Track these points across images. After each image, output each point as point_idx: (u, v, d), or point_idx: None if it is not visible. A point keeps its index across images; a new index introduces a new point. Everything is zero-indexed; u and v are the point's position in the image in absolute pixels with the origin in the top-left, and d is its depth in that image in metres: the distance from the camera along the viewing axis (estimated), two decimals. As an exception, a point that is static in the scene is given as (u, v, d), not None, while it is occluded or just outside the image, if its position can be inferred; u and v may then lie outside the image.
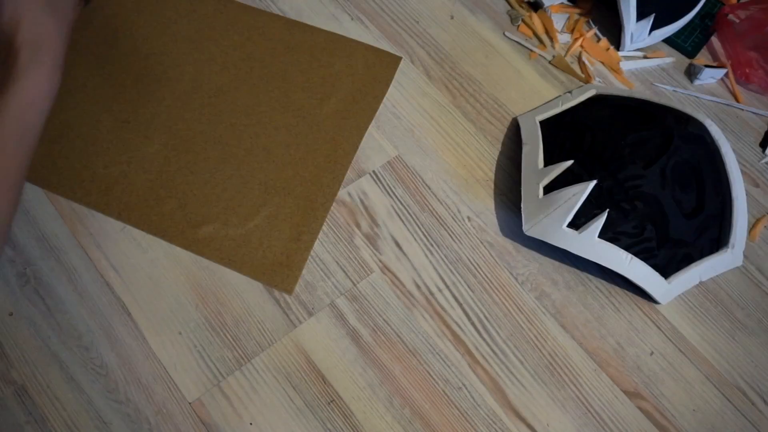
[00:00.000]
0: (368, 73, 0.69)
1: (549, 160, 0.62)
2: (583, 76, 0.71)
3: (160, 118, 0.64)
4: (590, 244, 0.57)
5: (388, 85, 0.68)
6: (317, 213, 0.61)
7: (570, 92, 0.69)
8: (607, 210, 0.57)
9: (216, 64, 0.68)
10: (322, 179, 0.62)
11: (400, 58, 0.70)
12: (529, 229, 0.59)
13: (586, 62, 0.72)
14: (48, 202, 0.60)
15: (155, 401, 0.53)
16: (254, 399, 0.54)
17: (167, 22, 0.70)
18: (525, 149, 0.64)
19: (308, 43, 0.70)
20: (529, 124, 0.65)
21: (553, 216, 0.58)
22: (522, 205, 0.60)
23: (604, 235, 0.57)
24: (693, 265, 0.59)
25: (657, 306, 0.60)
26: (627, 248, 0.57)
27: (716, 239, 0.60)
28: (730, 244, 0.60)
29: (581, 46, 0.73)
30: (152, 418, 0.52)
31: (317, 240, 0.60)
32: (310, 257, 0.59)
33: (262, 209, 0.60)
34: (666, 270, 0.58)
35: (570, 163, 0.60)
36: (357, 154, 0.64)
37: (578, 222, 0.57)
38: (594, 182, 0.58)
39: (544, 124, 0.65)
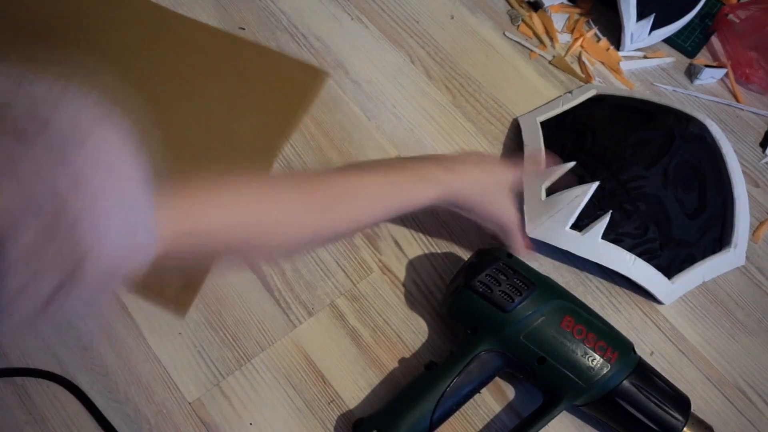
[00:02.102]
0: (291, 89, 0.67)
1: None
2: (583, 76, 0.71)
3: None
4: (594, 245, 0.57)
5: (311, 102, 0.66)
6: None
7: (570, 92, 0.69)
8: (610, 211, 0.57)
9: (136, 74, 0.66)
10: None
11: (326, 75, 0.68)
12: (533, 230, 0.58)
13: (586, 62, 0.72)
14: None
15: (155, 401, 0.53)
16: (254, 399, 0.54)
17: (94, 31, 0.67)
18: (526, 150, 0.64)
19: (233, 56, 0.68)
20: (530, 125, 0.65)
21: (556, 218, 0.58)
22: (524, 207, 0.60)
23: (607, 236, 0.57)
24: (696, 265, 0.59)
25: (657, 306, 0.60)
26: (630, 249, 0.57)
27: (718, 239, 0.60)
28: (732, 244, 0.60)
29: (581, 46, 0.73)
30: (152, 418, 0.52)
31: (317, 240, 0.60)
32: (310, 257, 0.59)
33: None
34: (669, 270, 0.58)
35: (572, 164, 0.60)
36: (357, 155, 0.64)
37: (581, 224, 0.57)
38: (596, 183, 0.58)
39: (545, 125, 0.65)
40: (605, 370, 0.49)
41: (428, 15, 0.74)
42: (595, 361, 0.49)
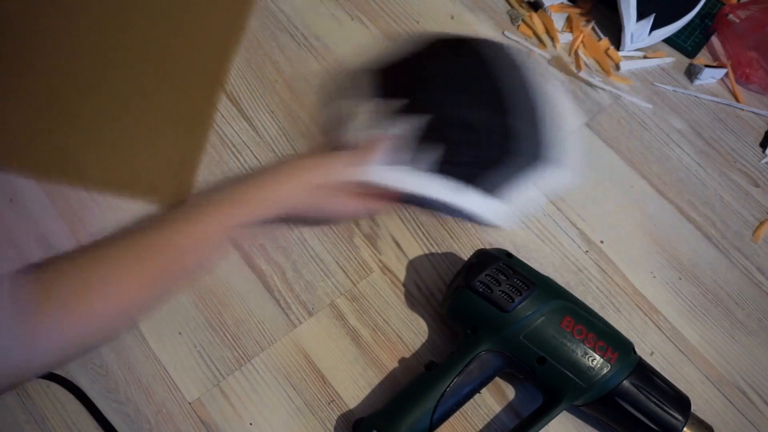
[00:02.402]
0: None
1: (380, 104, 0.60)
2: (582, 76, 0.71)
3: (28, 78, 0.65)
4: (424, 180, 0.55)
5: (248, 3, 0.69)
6: (198, 135, 0.64)
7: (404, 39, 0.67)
8: (436, 143, 0.56)
9: (70, 14, 0.67)
10: (197, 107, 0.65)
11: None
12: (368, 175, 0.57)
13: (581, 54, 0.72)
14: (48, 202, 0.60)
15: (155, 401, 0.53)
16: (254, 399, 0.54)
17: None
18: (335, 111, 0.63)
19: None
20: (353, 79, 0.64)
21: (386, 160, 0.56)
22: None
23: (436, 167, 0.56)
24: (524, 178, 0.58)
25: (657, 306, 0.60)
26: (460, 178, 0.56)
27: (538, 150, 0.60)
28: (551, 155, 0.60)
29: (582, 42, 0.73)
30: (152, 418, 0.52)
31: (317, 240, 0.60)
32: (310, 257, 0.59)
33: (146, 145, 0.63)
34: (499, 191, 0.58)
35: (393, 103, 0.58)
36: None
37: (408, 162, 0.56)
38: (417, 118, 0.56)
39: (376, 71, 0.63)
40: (605, 370, 0.49)
41: (428, 15, 0.74)
42: (595, 361, 0.49)
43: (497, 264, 0.51)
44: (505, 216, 0.58)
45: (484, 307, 0.50)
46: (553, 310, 0.50)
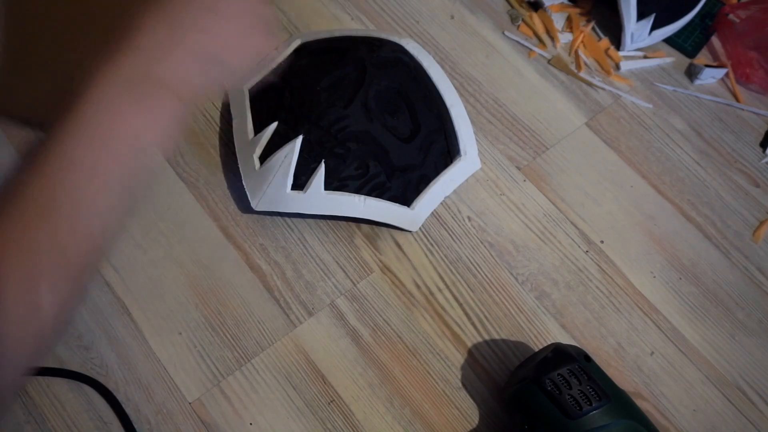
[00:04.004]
0: None
1: (259, 128, 0.60)
2: (582, 75, 0.71)
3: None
4: (320, 199, 0.56)
5: None
6: None
7: (276, 49, 0.67)
8: (323, 161, 0.56)
9: None
10: None
11: None
12: (258, 203, 0.57)
13: (581, 54, 0.72)
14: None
15: (155, 401, 0.53)
16: (254, 399, 0.54)
17: None
18: (235, 124, 0.62)
19: None
20: (236, 96, 0.64)
21: (275, 183, 0.57)
22: (243, 183, 0.59)
23: (330, 185, 0.56)
24: (432, 183, 0.60)
25: (657, 306, 0.60)
26: (358, 191, 0.57)
27: (446, 152, 0.61)
28: (461, 152, 0.61)
29: (582, 42, 0.73)
30: (152, 418, 0.52)
31: (317, 240, 0.60)
32: (310, 257, 0.59)
33: None
34: (406, 198, 0.59)
35: (275, 125, 0.59)
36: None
37: (300, 182, 0.57)
38: (300, 137, 0.57)
39: (254, 91, 0.63)
40: None
41: (428, 15, 0.74)
42: None
43: (573, 366, 0.47)
44: (412, 220, 0.59)
45: (548, 408, 0.46)
46: (621, 430, 0.46)
